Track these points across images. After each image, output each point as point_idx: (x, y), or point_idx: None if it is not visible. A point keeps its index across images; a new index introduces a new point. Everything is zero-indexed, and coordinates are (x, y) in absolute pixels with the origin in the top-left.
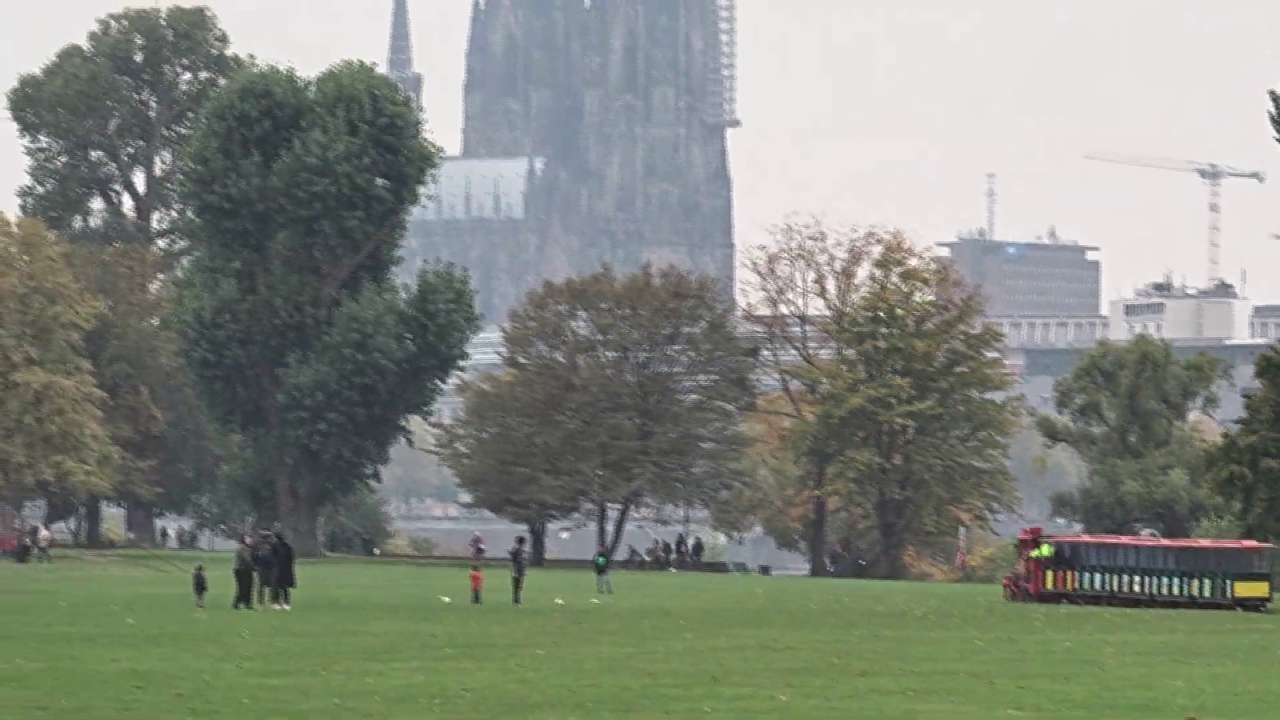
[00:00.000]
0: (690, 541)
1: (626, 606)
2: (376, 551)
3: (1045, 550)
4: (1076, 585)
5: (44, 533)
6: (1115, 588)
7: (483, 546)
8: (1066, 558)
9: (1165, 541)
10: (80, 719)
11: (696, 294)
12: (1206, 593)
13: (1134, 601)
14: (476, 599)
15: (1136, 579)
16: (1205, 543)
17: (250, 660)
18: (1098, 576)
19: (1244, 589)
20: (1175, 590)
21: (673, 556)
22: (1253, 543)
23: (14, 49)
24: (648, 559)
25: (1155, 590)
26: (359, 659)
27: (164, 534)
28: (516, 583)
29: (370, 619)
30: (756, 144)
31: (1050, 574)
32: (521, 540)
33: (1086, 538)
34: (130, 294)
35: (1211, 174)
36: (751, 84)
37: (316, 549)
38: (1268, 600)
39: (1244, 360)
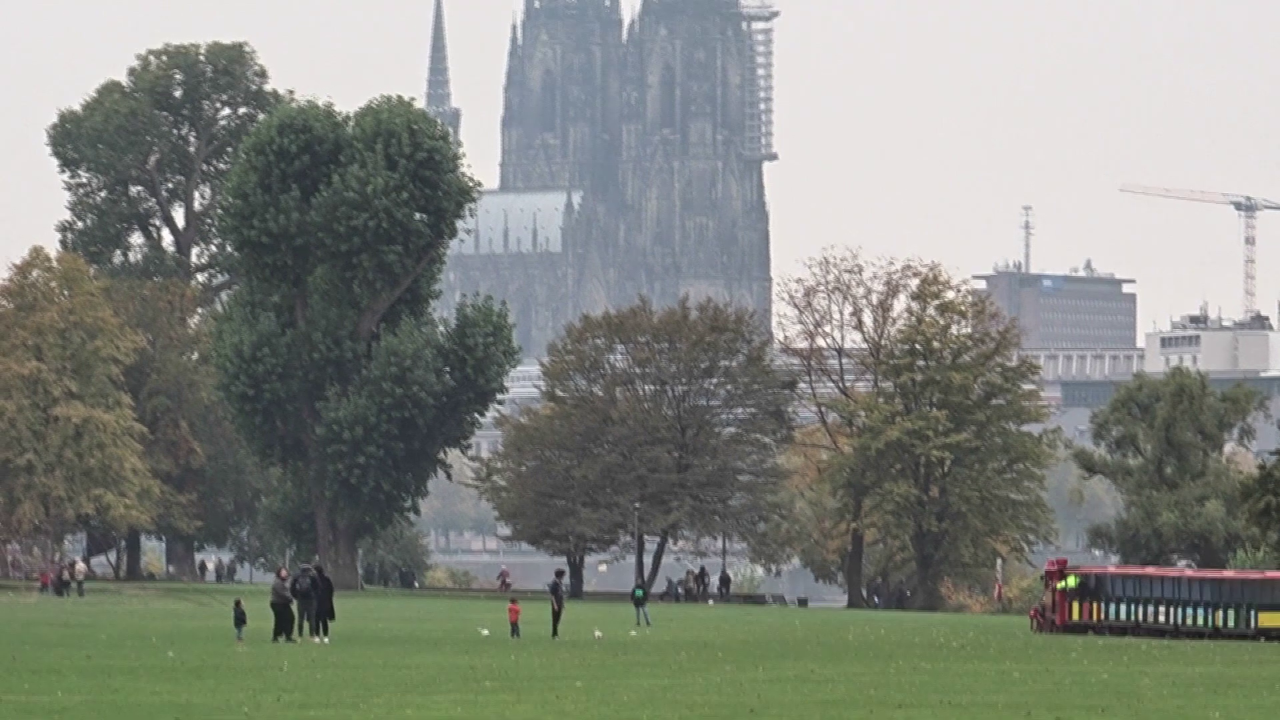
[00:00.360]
0: (717, 574)
1: (664, 639)
2: (416, 585)
3: (1071, 581)
4: (1102, 616)
5: (79, 566)
6: (1141, 618)
7: (509, 580)
8: (1092, 589)
9: (1190, 572)
10: None
11: (734, 327)
12: (1231, 623)
13: (1159, 632)
14: (515, 631)
15: (1162, 609)
16: (1230, 573)
17: (290, 693)
18: (1123, 607)
19: (1268, 619)
20: (1200, 621)
21: (697, 589)
22: (1278, 573)
23: (54, 85)
24: (681, 592)
25: (1180, 621)
26: (399, 692)
27: (202, 567)
28: (556, 615)
29: (409, 652)
30: (793, 177)
31: (1076, 605)
32: (560, 573)
33: (1112, 569)
34: (170, 328)
35: (1247, 206)
36: (788, 118)
37: (356, 582)
38: None
39: None
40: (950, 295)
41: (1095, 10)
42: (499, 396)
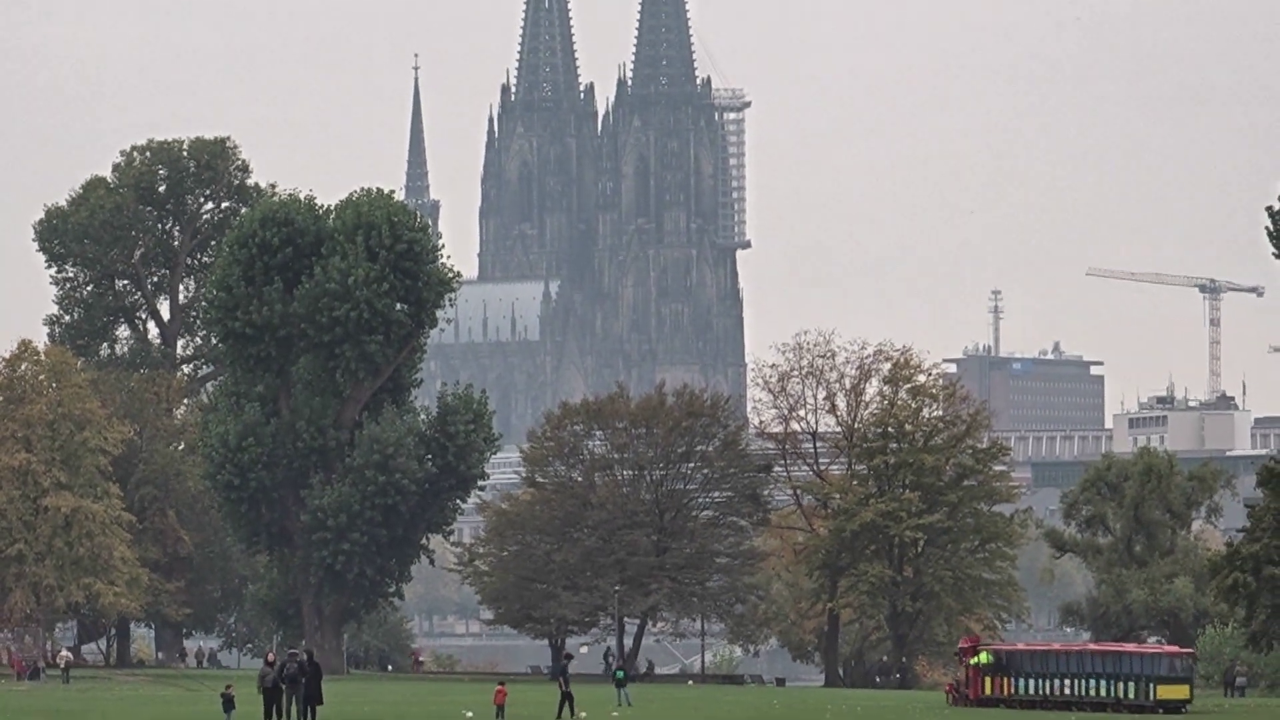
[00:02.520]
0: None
1: (646, 719)
2: (390, 668)
3: (984, 658)
4: (1013, 690)
5: (64, 653)
6: (1048, 692)
7: (421, 658)
8: (1003, 665)
9: (1093, 646)
10: None
11: (710, 412)
12: (1131, 695)
13: (1065, 705)
14: (500, 714)
15: (1067, 683)
16: (1130, 648)
17: None
18: (1031, 682)
19: (1166, 692)
20: (1103, 693)
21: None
22: (1174, 648)
23: (40, 181)
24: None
25: (1083, 693)
26: None
27: (181, 654)
28: (564, 698)
29: None
30: (767, 264)
31: (988, 680)
32: (569, 657)
33: (1021, 645)
34: (156, 419)
35: (1211, 289)
36: (761, 206)
37: (342, 667)
38: (1188, 702)
39: (1246, 471)
40: (922, 379)
41: (1059, 97)
42: (480, 483)
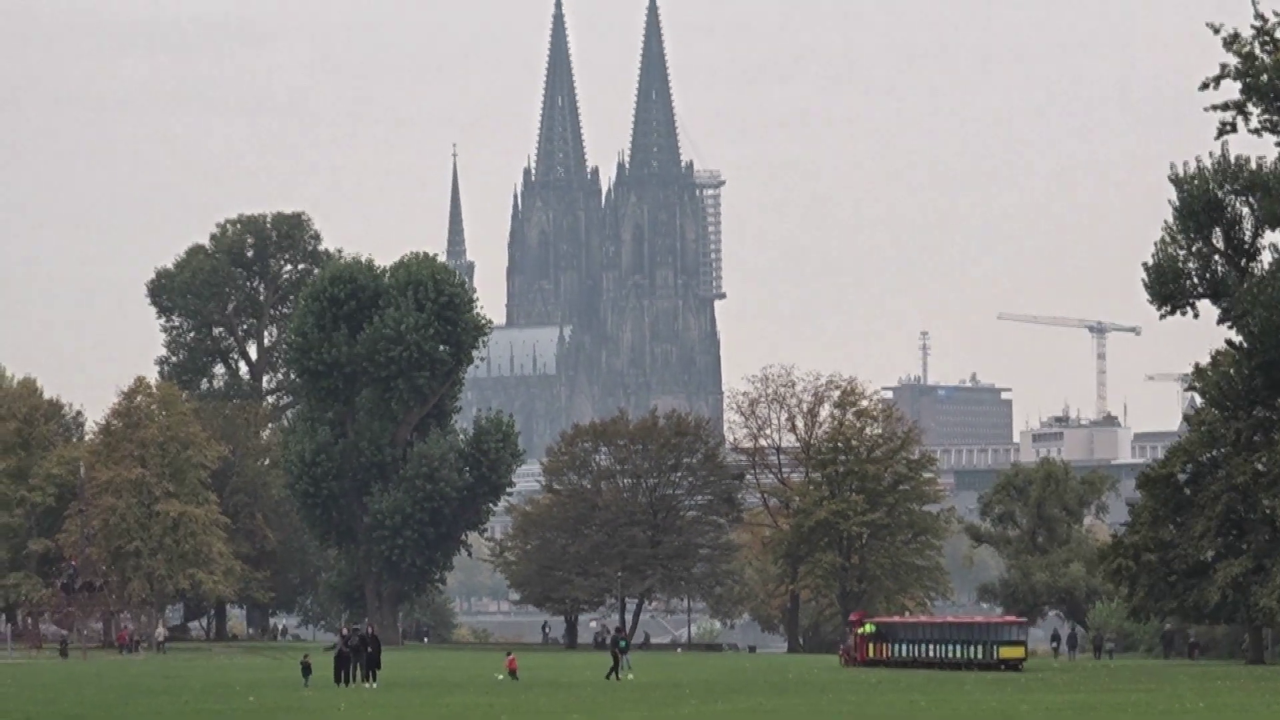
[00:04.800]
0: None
1: (643, 680)
2: (425, 640)
3: (869, 628)
4: (890, 654)
5: (160, 630)
6: (917, 655)
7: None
8: (884, 634)
9: (950, 618)
10: None
11: (693, 431)
12: (980, 656)
13: (930, 664)
14: (513, 676)
15: (931, 648)
16: (979, 619)
17: None
18: (904, 646)
19: (1006, 652)
20: (958, 655)
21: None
22: (1012, 618)
23: (150, 248)
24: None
25: (943, 655)
26: None
27: (264, 629)
28: (616, 662)
29: (441, 693)
30: (739, 312)
31: (872, 646)
32: (619, 629)
33: (897, 618)
34: (247, 440)
35: (1099, 329)
36: (735, 265)
37: (397, 639)
38: (1024, 660)
39: (1127, 476)
40: (864, 403)
41: (984, 176)
42: (508, 489)
